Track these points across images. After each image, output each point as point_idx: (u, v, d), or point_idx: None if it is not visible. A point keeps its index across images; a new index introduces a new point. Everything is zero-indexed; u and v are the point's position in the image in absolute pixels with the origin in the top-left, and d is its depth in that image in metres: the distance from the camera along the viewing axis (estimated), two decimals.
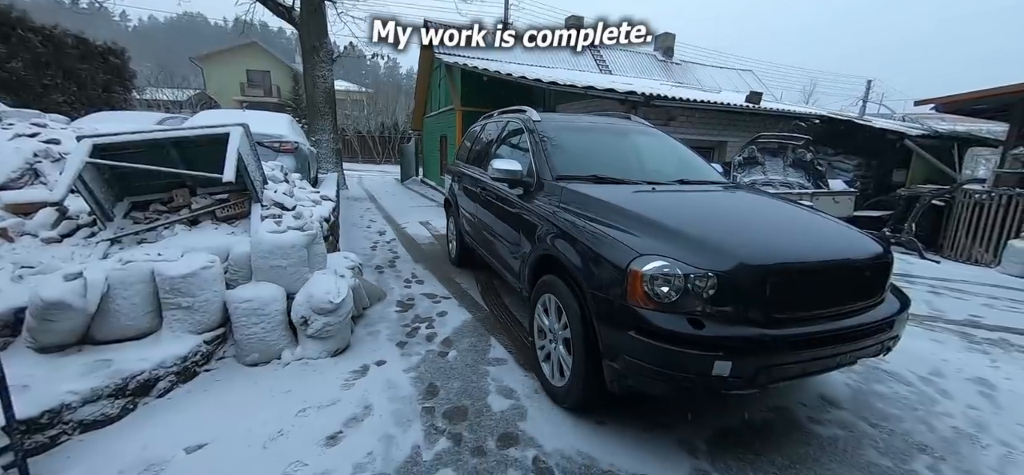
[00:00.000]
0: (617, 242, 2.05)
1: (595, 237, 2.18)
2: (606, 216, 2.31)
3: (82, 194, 2.98)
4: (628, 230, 2.13)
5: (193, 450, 2.03)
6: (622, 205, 2.35)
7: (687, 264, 1.84)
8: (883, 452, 2.21)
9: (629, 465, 2.03)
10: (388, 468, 1.96)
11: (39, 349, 2.36)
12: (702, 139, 8.94)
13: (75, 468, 1.89)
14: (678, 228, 2.08)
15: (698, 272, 1.82)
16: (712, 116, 8.96)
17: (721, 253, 1.88)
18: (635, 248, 1.97)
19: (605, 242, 2.11)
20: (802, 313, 1.92)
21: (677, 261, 1.85)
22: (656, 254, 1.90)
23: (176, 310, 2.63)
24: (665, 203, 2.45)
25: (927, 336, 3.70)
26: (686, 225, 2.10)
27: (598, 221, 2.29)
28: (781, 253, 1.94)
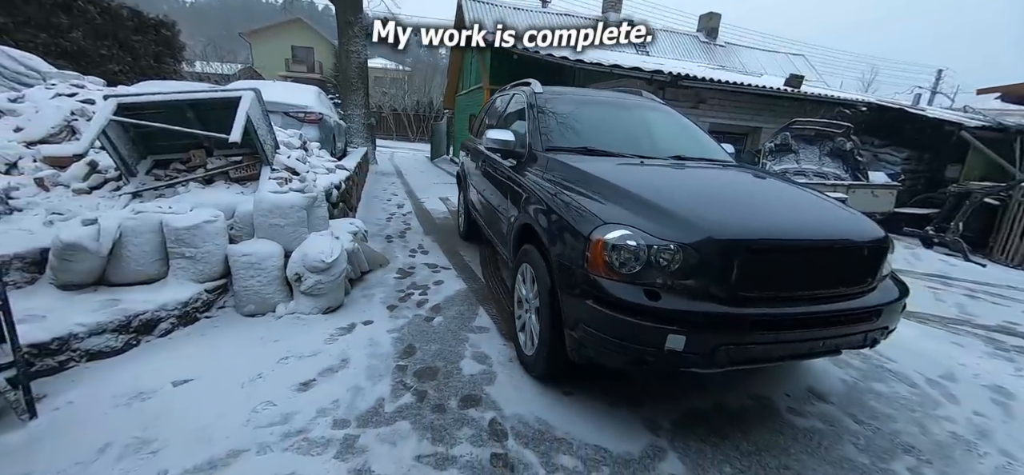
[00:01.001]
0: (585, 211, 2.02)
1: (565, 205, 2.16)
2: (582, 186, 2.27)
3: (107, 149, 3.24)
4: (599, 200, 2.10)
5: (179, 383, 2.20)
6: (601, 176, 2.30)
7: (652, 235, 1.80)
8: (862, 449, 2.09)
9: (585, 435, 2.03)
10: (350, 415, 2.06)
11: (60, 286, 2.61)
12: (734, 124, 8.48)
13: (76, 389, 2.10)
14: (651, 200, 2.01)
15: (662, 244, 1.77)
16: (746, 100, 8.46)
17: (690, 226, 1.81)
18: (600, 216, 1.93)
19: (573, 210, 2.08)
20: (773, 293, 1.83)
21: (641, 232, 1.81)
22: (620, 223, 1.86)
23: (180, 259, 2.83)
24: (647, 176, 2.37)
25: (948, 338, 3.42)
26: (661, 197, 2.03)
27: (573, 191, 2.26)
28: (755, 229, 1.84)
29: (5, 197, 2.96)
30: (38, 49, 7.48)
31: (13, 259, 2.53)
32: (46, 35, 7.65)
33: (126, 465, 1.69)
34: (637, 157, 2.73)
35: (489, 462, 1.84)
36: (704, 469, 1.88)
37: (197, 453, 1.76)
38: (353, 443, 1.89)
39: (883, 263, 2.03)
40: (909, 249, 6.50)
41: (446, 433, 1.99)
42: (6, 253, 2.51)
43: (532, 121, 3.16)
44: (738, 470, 1.89)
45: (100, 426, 1.88)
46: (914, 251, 6.43)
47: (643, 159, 2.69)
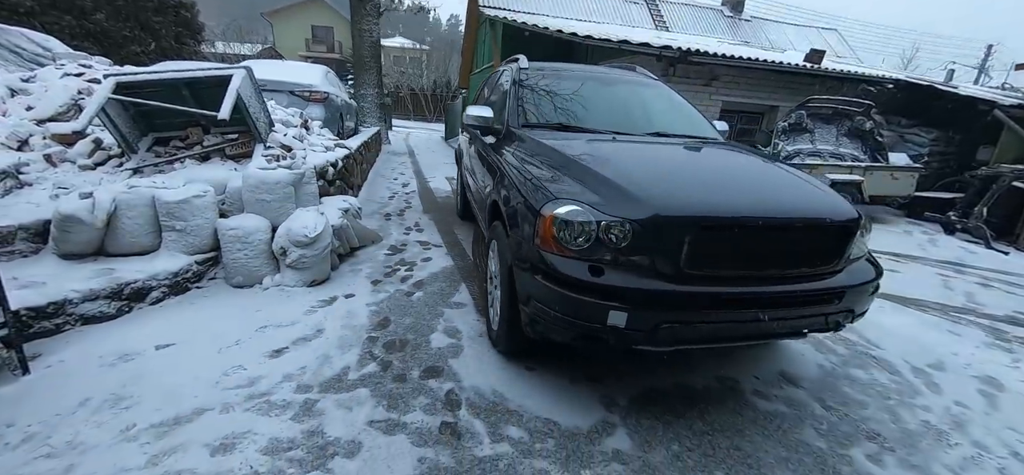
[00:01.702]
0: (540, 186, 2.02)
1: (524, 181, 2.16)
2: (546, 163, 2.26)
3: (107, 127, 3.40)
4: (558, 177, 2.08)
5: (162, 347, 2.34)
6: (565, 153, 2.28)
7: (602, 211, 1.78)
8: (822, 434, 2.05)
9: (537, 409, 2.06)
10: (314, 381, 2.15)
11: (62, 255, 2.78)
12: (748, 102, 8.12)
13: (69, 350, 2.27)
14: (608, 176, 1.99)
15: (612, 220, 1.76)
16: (761, 77, 8.07)
17: (639, 202, 1.79)
18: (552, 192, 1.93)
19: (530, 186, 2.08)
20: (726, 272, 1.80)
21: (591, 208, 1.80)
22: (570, 199, 1.85)
23: (171, 232, 2.97)
24: (614, 153, 2.33)
25: (946, 327, 3.27)
26: (618, 174, 2.00)
27: (536, 167, 2.25)
28: (706, 206, 1.79)
29: (16, 172, 3.15)
30: (64, 31, 7.83)
31: (18, 229, 2.71)
32: (71, 17, 7.96)
33: (100, 418, 1.83)
34: (611, 133, 2.68)
35: (438, 430, 1.90)
36: (651, 446, 1.89)
37: (165, 410, 1.89)
38: (311, 407, 1.98)
39: (851, 244, 1.95)
40: (928, 235, 6.18)
41: (402, 401, 2.06)
42: (12, 224, 2.69)
43: (513, 97, 3.13)
44: (686, 448, 1.90)
45: (84, 383, 2.03)
46: (933, 237, 6.10)
47: (616, 136, 2.65)
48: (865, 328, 3.12)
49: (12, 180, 3.09)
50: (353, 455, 1.74)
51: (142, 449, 1.69)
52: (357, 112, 10.75)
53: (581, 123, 2.84)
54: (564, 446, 1.85)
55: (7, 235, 2.66)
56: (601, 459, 1.80)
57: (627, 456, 1.82)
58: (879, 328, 3.16)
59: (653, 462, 1.80)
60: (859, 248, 2.09)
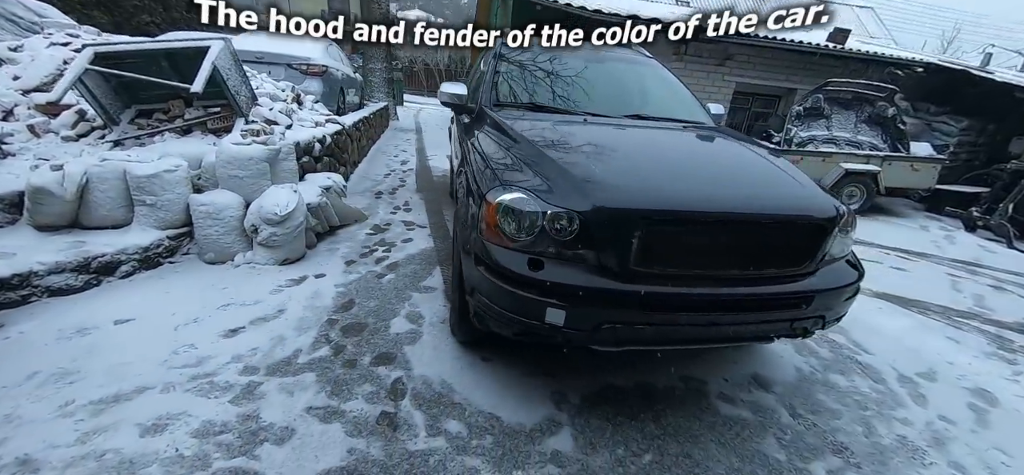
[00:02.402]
0: (491, 170, 1.91)
1: (478, 163, 2.05)
2: (504, 145, 2.14)
3: (86, 98, 3.39)
4: (513, 162, 1.96)
5: (120, 322, 2.35)
6: (526, 135, 2.15)
7: (547, 201, 1.67)
8: (785, 445, 1.93)
9: (482, 402, 2.00)
10: (262, 363, 2.13)
11: (37, 227, 2.81)
12: (764, 84, 7.67)
13: (31, 322, 2.29)
14: (563, 163, 1.86)
15: (558, 211, 1.64)
16: (779, 57, 7.61)
17: (584, 193, 1.66)
18: (502, 178, 1.81)
19: (481, 169, 1.97)
20: (679, 270, 1.66)
21: (538, 196, 1.68)
22: (518, 186, 1.74)
23: (142, 206, 2.97)
24: (578, 138, 2.19)
25: (945, 332, 3.06)
26: (574, 162, 1.88)
27: (493, 149, 2.13)
28: (658, 199, 1.65)
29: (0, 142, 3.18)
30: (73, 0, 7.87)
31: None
32: None
33: (43, 392, 1.84)
34: (585, 116, 2.53)
35: (375, 420, 1.85)
36: (595, 448, 1.81)
37: (107, 386, 1.89)
38: (253, 390, 1.96)
39: (825, 244, 1.79)
40: (946, 231, 5.81)
41: (346, 388, 2.02)
42: None
43: (489, 75, 2.99)
44: (632, 453, 1.81)
45: (37, 355, 2.05)
46: (951, 234, 5.74)
47: (589, 118, 2.49)
48: (855, 330, 2.95)
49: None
50: (283, 442, 1.71)
51: (75, 426, 1.69)
52: (363, 87, 10.65)
53: (556, 103, 2.69)
54: (502, 444, 1.79)
55: None
56: (538, 460, 1.73)
57: (566, 458, 1.75)
58: (871, 331, 2.97)
59: (593, 466, 1.72)
60: (839, 247, 1.93)
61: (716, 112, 3.22)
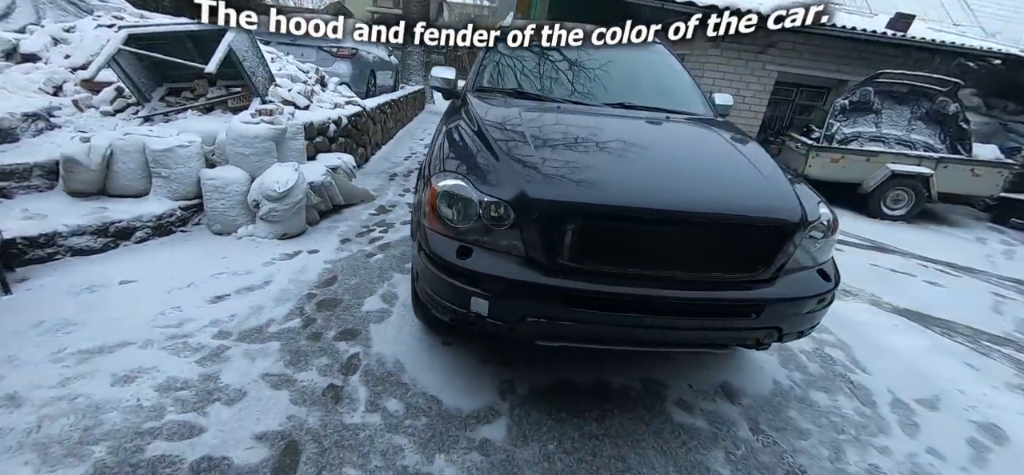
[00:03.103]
0: (440, 156, 1.91)
1: (434, 150, 2.06)
2: (466, 131, 2.13)
3: (120, 77, 3.72)
4: (466, 149, 1.95)
5: (124, 283, 2.60)
6: (487, 119, 2.14)
7: (481, 189, 1.65)
8: (733, 461, 1.83)
9: (428, 384, 2.04)
10: (235, 329, 2.29)
11: (70, 193, 3.14)
12: (810, 75, 6.98)
13: (52, 277, 2.59)
14: (512, 152, 1.83)
15: (491, 199, 1.63)
16: (829, 45, 6.90)
17: (517, 183, 1.62)
18: (445, 164, 1.82)
19: (435, 154, 1.98)
20: (611, 268, 1.59)
21: (476, 184, 1.67)
22: (459, 173, 1.73)
23: (158, 178, 3.24)
24: (539, 126, 2.14)
25: (966, 357, 2.74)
26: (520, 151, 1.84)
27: (455, 134, 2.13)
28: (586, 194, 1.59)
29: (48, 115, 3.57)
30: None
31: (34, 167, 3.08)
32: None
33: (43, 339, 2.08)
34: (559, 103, 2.47)
35: (322, 392, 1.94)
36: (526, 442, 1.80)
37: (95, 338, 2.10)
38: (221, 353, 2.11)
39: (783, 251, 1.65)
40: (1008, 245, 5.13)
41: (304, 359, 2.13)
42: (28, 161, 3.06)
43: (479, 59, 2.97)
44: (563, 450, 1.78)
45: (48, 307, 2.32)
46: (1012, 249, 5.07)
47: (562, 106, 2.43)
48: (857, 347, 2.71)
49: (43, 122, 3.51)
50: (232, 403, 1.84)
51: (61, 371, 1.90)
52: (398, 70, 10.89)
53: (539, 91, 2.64)
54: (434, 426, 1.82)
55: (24, 171, 3.04)
56: (464, 446, 1.75)
57: (493, 448, 1.75)
58: (876, 348, 2.72)
59: (517, 459, 1.72)
60: (808, 255, 1.77)
61: (722, 102, 3.02)
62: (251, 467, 1.58)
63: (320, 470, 1.60)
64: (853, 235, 4.89)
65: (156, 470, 1.53)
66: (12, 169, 2.99)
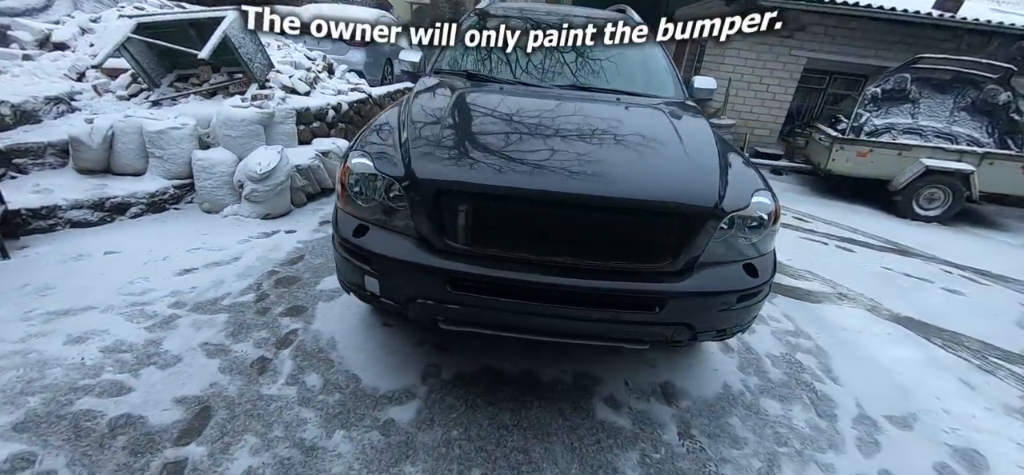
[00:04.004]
0: (362, 136, 1.91)
1: (366, 129, 2.05)
2: (399, 112, 2.11)
3: (131, 64, 3.99)
4: (387, 128, 1.94)
5: (109, 253, 2.81)
6: (418, 101, 2.12)
7: (382, 168, 1.63)
8: (647, 465, 1.73)
9: (353, 363, 2.06)
10: (191, 300, 2.41)
11: (78, 170, 3.42)
12: (844, 61, 6.33)
13: (49, 246, 2.83)
14: (424, 132, 1.80)
15: (387, 178, 1.60)
16: (867, 28, 6.24)
17: (410, 162, 1.59)
18: (362, 143, 1.81)
19: (362, 133, 1.98)
20: (502, 252, 1.53)
21: (378, 162, 1.65)
22: (367, 152, 1.72)
23: (154, 158, 3.46)
24: (472, 105, 2.09)
25: (963, 374, 2.44)
26: (431, 129, 1.80)
27: (386, 116, 2.12)
28: (472, 174, 1.54)
29: (69, 99, 3.90)
30: None
31: (47, 146, 3.39)
32: None
33: (22, 299, 2.29)
34: (502, 84, 2.42)
35: (250, 363, 2.02)
36: (430, 426, 1.78)
37: (65, 302, 2.29)
38: (170, 321, 2.23)
39: (694, 241, 1.52)
40: None
41: (245, 331, 2.21)
42: (42, 141, 3.37)
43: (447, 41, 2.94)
44: (466, 437, 1.75)
45: (36, 271, 2.54)
46: None
47: (508, 86, 2.38)
48: (836, 354, 2.49)
49: (64, 105, 3.84)
50: (166, 368, 1.94)
51: (26, 329, 2.08)
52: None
53: (489, 72, 2.58)
54: (344, 404, 1.85)
55: (39, 149, 3.35)
56: (368, 425, 1.76)
57: (395, 429, 1.75)
58: (858, 357, 2.48)
59: (416, 442, 1.71)
60: (741, 248, 1.63)
61: (702, 86, 2.83)
62: (162, 427, 1.67)
63: (223, 435, 1.66)
64: (870, 235, 4.47)
65: (78, 422, 1.65)
66: (28, 147, 3.29)
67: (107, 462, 1.52)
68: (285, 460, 1.59)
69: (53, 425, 1.63)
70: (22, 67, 4.07)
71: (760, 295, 1.64)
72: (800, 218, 4.76)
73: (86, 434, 1.61)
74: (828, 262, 3.70)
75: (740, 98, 6.62)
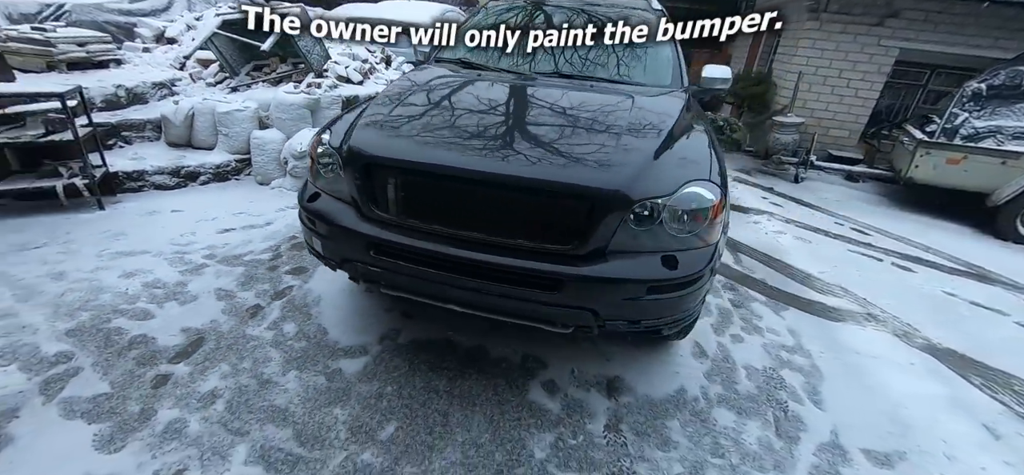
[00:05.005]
0: (343, 115, 2.13)
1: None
2: (387, 92, 2.30)
3: (215, 55, 4.71)
4: (359, 106, 2.15)
5: (174, 211, 3.41)
6: (395, 83, 2.31)
7: (332, 140, 1.84)
8: (556, 449, 1.74)
9: (327, 318, 2.33)
10: (221, 255, 2.86)
11: (168, 144, 4.16)
12: (950, 52, 5.19)
13: (134, 202, 3.52)
14: (378, 110, 1.99)
15: (332, 148, 1.80)
16: (980, 12, 5.07)
17: (349, 135, 1.77)
18: (336, 119, 2.03)
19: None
20: (421, 223, 1.65)
21: (332, 136, 1.86)
22: (331, 128, 1.94)
23: (221, 135, 4.08)
24: (438, 88, 2.22)
25: (998, 419, 2.03)
26: (384, 108, 1.98)
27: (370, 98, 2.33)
28: (409, 149, 1.66)
29: (170, 85, 4.73)
30: None
31: (147, 123, 4.16)
32: None
33: (100, 241, 2.89)
34: (490, 71, 2.51)
35: (248, 309, 2.37)
36: (371, 379, 1.97)
37: (130, 245, 2.86)
38: (199, 269, 2.69)
39: (601, 226, 1.49)
40: None
41: (252, 283, 2.59)
42: (143, 118, 4.15)
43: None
44: (399, 394, 1.90)
45: (119, 222, 3.19)
46: None
47: (486, 73, 2.47)
48: (832, 376, 2.23)
49: (166, 90, 4.67)
50: (184, 304, 2.36)
51: (96, 262, 2.65)
52: None
53: (482, 59, 2.68)
54: (306, 351, 2.10)
55: (140, 125, 4.13)
56: (318, 370, 1.99)
57: (339, 377, 1.96)
58: (860, 385, 2.21)
59: (353, 392, 1.90)
60: (665, 240, 1.57)
61: (710, 75, 2.67)
62: (165, 348, 2.06)
63: (205, 360, 2.00)
64: (944, 255, 3.75)
65: (109, 335, 2.10)
66: (133, 123, 4.08)
67: (119, 367, 1.93)
68: (243, 387, 1.88)
69: (92, 335, 2.08)
70: (141, 58, 5.03)
71: (682, 290, 1.57)
72: (859, 229, 4.19)
73: (112, 345, 2.04)
74: (872, 279, 3.24)
75: (813, 94, 5.90)
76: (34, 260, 2.61)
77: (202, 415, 1.74)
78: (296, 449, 1.64)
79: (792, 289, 3.05)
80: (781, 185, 5.37)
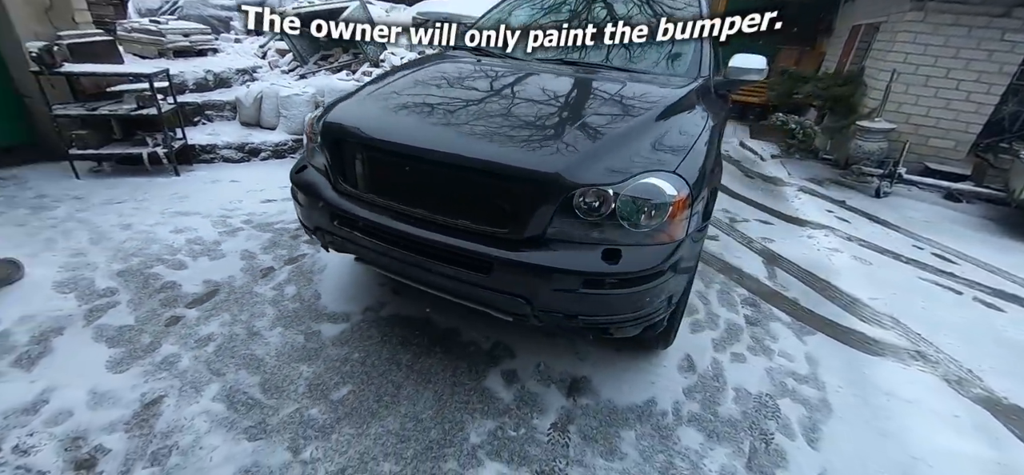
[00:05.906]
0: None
1: None
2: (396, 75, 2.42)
3: (288, 45, 5.24)
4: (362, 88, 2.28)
5: (233, 181, 3.88)
6: (399, 68, 2.40)
7: (317, 115, 1.99)
8: (495, 437, 1.72)
9: (324, 286, 2.51)
10: (257, 221, 3.20)
11: (240, 123, 4.74)
12: None
13: (206, 171, 4.06)
14: (362, 90, 2.11)
15: (317, 122, 1.95)
16: None
17: (329, 110, 1.89)
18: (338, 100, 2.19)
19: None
20: (379, 198, 1.72)
21: (325, 112, 2.01)
22: (325, 105, 2.10)
23: (282, 117, 4.55)
24: (436, 71, 2.26)
25: (971, 420, 1.61)
26: (372, 86, 2.08)
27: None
28: (375, 126, 1.73)
29: (251, 71, 5.37)
30: None
31: (226, 104, 4.77)
32: None
33: (167, 201, 3.39)
34: (494, 56, 2.52)
35: (261, 269, 2.64)
36: (343, 345, 2.09)
37: (188, 207, 3.31)
38: (235, 232, 3.04)
39: (537, 212, 1.44)
40: None
41: (275, 247, 2.87)
42: (222, 99, 4.76)
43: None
44: (362, 362, 2.00)
45: (185, 186, 3.71)
46: None
47: (483, 57, 2.48)
48: (844, 414, 1.94)
49: (247, 75, 5.30)
50: (214, 259, 2.70)
51: (157, 218, 3.11)
52: None
53: (490, 45, 2.69)
54: (297, 311, 2.29)
55: (220, 105, 4.75)
56: (300, 330, 2.17)
57: (316, 338, 2.12)
58: (876, 430, 1.88)
59: (324, 353, 2.04)
60: (614, 232, 1.47)
61: (737, 64, 2.44)
62: (186, 293, 2.37)
63: (213, 309, 2.28)
64: None
65: (147, 280, 2.46)
66: (215, 103, 4.70)
67: (146, 306, 2.26)
68: (234, 335, 2.11)
69: (135, 277, 2.47)
70: (233, 48, 5.76)
71: (628, 287, 1.46)
72: (942, 255, 3.52)
73: (146, 286, 2.40)
74: (940, 314, 2.72)
75: (911, 96, 5.02)
76: (114, 212, 3.14)
77: (194, 354, 1.98)
78: (257, 395, 1.81)
79: (827, 313, 2.67)
80: (857, 199, 4.68)
